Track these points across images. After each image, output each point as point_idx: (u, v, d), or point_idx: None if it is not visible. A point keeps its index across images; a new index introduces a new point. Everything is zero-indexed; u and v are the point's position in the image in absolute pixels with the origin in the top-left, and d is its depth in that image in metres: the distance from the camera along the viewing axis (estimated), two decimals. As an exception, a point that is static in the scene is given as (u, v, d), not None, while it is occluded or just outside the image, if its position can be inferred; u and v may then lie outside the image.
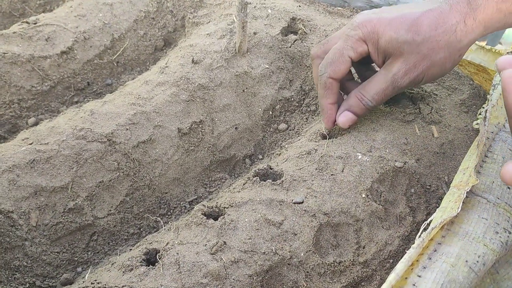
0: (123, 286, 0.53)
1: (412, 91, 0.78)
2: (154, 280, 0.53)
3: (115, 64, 0.94)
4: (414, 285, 0.47)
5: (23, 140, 0.71)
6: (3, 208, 0.62)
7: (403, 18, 0.60)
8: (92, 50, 0.91)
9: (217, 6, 0.96)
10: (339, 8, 0.97)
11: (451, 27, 0.59)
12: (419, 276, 0.48)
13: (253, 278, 0.55)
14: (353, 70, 0.74)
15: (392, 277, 0.45)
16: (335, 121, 0.68)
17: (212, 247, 0.56)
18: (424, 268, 0.49)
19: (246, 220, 0.60)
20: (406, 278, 0.48)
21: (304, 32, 0.87)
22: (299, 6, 0.94)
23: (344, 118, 0.67)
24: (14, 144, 0.70)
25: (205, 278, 0.54)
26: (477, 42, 0.81)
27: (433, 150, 0.70)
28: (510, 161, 0.40)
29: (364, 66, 0.71)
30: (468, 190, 0.56)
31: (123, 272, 0.55)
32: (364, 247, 0.61)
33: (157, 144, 0.74)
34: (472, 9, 0.59)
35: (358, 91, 0.66)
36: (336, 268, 0.59)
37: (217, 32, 0.86)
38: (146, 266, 0.56)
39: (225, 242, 0.57)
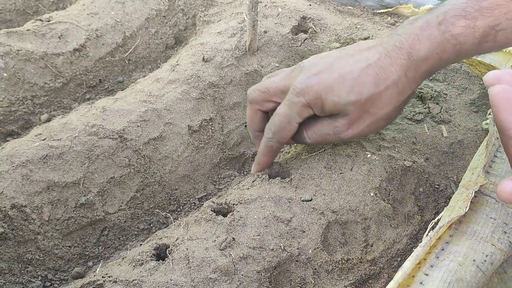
0: (133, 280, 0.53)
1: (422, 91, 0.78)
2: (164, 275, 0.54)
3: (127, 61, 0.95)
4: (421, 283, 0.48)
5: (36, 136, 0.72)
6: (16, 202, 0.64)
7: (343, 79, 0.58)
8: (104, 47, 0.92)
9: (228, 4, 0.96)
10: (349, 7, 0.97)
11: (393, 83, 0.57)
12: (427, 275, 0.48)
13: (261, 274, 0.56)
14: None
15: (399, 275, 0.46)
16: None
17: (221, 243, 0.57)
18: (432, 266, 0.49)
19: (255, 216, 0.60)
20: (413, 276, 0.49)
21: (314, 31, 0.88)
22: (310, 5, 0.94)
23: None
24: (28, 140, 0.71)
25: (214, 273, 0.54)
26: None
27: (442, 150, 0.71)
28: (506, 179, 0.38)
29: None
30: (476, 190, 0.56)
31: (134, 266, 0.56)
32: (372, 245, 0.62)
33: (168, 141, 0.75)
34: (413, 62, 0.56)
35: (302, 128, 0.65)
36: (344, 266, 0.59)
37: (227, 30, 0.87)
38: (156, 261, 0.57)
39: (234, 238, 0.57)
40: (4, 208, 0.62)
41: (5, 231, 0.62)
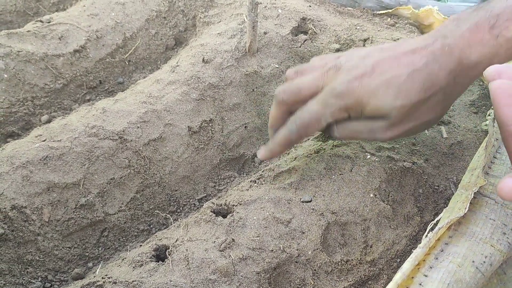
0: (133, 281, 0.53)
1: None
2: (163, 276, 0.54)
3: (127, 62, 0.95)
4: (420, 284, 0.48)
5: (36, 137, 0.72)
6: (16, 203, 0.64)
7: (388, 84, 0.54)
8: (105, 49, 0.93)
9: (228, 6, 0.97)
10: (349, 8, 0.97)
11: (440, 89, 0.54)
12: (426, 276, 0.48)
13: (260, 275, 0.56)
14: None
15: (398, 276, 0.46)
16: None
17: (221, 244, 0.57)
18: (431, 267, 0.49)
19: (255, 218, 0.60)
20: (412, 277, 0.49)
21: (314, 32, 0.88)
22: (310, 6, 0.94)
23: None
24: (28, 141, 0.71)
25: (214, 274, 0.54)
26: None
27: (442, 151, 0.71)
28: (506, 176, 0.37)
29: None
30: (476, 191, 0.56)
31: (133, 267, 0.56)
32: (371, 246, 0.62)
33: (168, 142, 0.75)
34: (464, 68, 0.54)
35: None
36: (343, 267, 0.59)
37: (227, 31, 0.87)
38: (156, 262, 0.57)
39: (233, 239, 0.58)
40: (4, 209, 0.63)
41: (5, 232, 0.62)
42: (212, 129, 0.79)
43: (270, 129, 0.66)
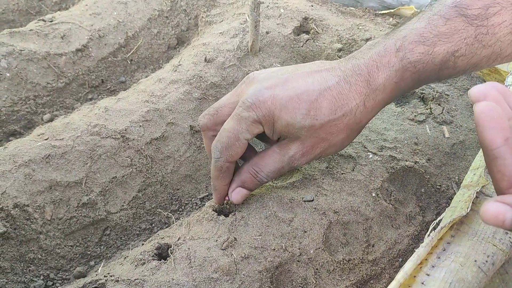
0: (135, 279, 0.54)
1: (424, 92, 0.78)
2: (165, 274, 0.54)
3: (129, 62, 0.95)
4: (422, 283, 0.48)
5: (38, 135, 0.72)
6: (19, 201, 0.64)
7: (299, 99, 0.53)
8: (107, 48, 0.93)
9: (230, 5, 0.97)
10: (351, 8, 0.97)
11: (351, 110, 0.54)
12: (428, 275, 0.48)
13: (262, 274, 0.56)
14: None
15: (400, 275, 0.46)
16: (226, 198, 0.62)
17: (223, 243, 0.57)
18: (433, 267, 0.49)
19: (257, 216, 0.60)
20: (414, 276, 0.49)
21: (316, 31, 0.88)
22: (312, 6, 0.94)
23: (238, 195, 0.60)
24: (30, 140, 0.71)
25: (216, 273, 0.54)
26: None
27: (444, 150, 0.71)
28: (490, 199, 0.36)
29: None
30: (478, 190, 0.56)
31: (136, 265, 0.56)
32: (373, 246, 0.62)
33: (170, 141, 0.75)
34: (372, 90, 0.53)
35: (251, 167, 0.59)
36: (345, 266, 0.59)
37: (229, 31, 0.87)
38: (158, 260, 0.57)
39: (235, 238, 0.58)
40: (6, 208, 0.63)
41: (8, 231, 0.62)
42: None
43: (210, 161, 0.62)
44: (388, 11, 0.97)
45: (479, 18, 0.52)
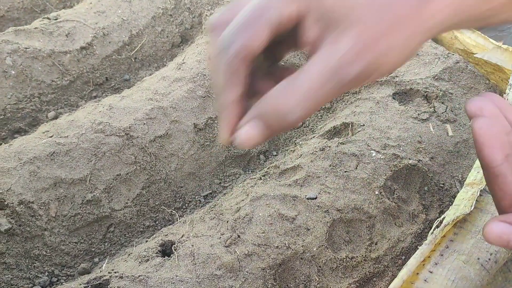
0: (139, 276, 0.54)
1: (427, 90, 0.78)
2: (169, 271, 0.55)
3: (133, 60, 0.95)
4: (425, 280, 0.48)
5: (43, 133, 0.72)
6: (24, 198, 0.64)
7: None
8: (111, 46, 0.93)
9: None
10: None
11: None
12: (431, 272, 0.49)
13: (266, 271, 0.56)
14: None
15: (404, 272, 0.46)
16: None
17: (226, 240, 0.57)
18: (436, 264, 0.49)
19: (260, 214, 0.60)
20: (417, 273, 0.49)
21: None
22: None
23: (247, 134, 0.36)
24: (35, 137, 0.71)
25: (219, 270, 0.55)
26: (493, 41, 0.80)
27: (447, 149, 0.71)
28: (493, 218, 0.35)
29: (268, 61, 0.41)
30: (482, 189, 0.56)
31: (140, 262, 0.57)
32: (376, 243, 0.62)
33: (174, 139, 0.75)
34: None
35: (278, 91, 0.36)
36: (348, 264, 0.60)
37: (233, 29, 0.87)
38: (162, 257, 0.57)
39: (239, 236, 0.58)
40: (11, 204, 0.63)
41: (13, 227, 0.63)
42: (218, 126, 0.79)
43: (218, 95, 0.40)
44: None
45: None
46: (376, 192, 0.64)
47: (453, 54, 0.83)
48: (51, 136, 0.71)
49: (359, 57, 0.35)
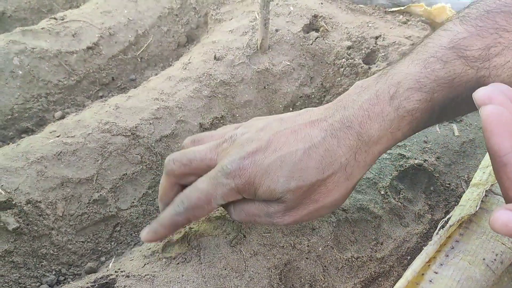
0: (145, 275, 0.54)
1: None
2: (175, 270, 0.55)
3: (139, 59, 0.96)
4: (430, 281, 0.48)
5: (50, 133, 0.73)
6: (31, 198, 0.65)
7: (281, 162, 0.48)
8: (117, 46, 0.93)
9: (240, 3, 0.97)
10: (361, 5, 0.97)
11: (340, 167, 0.47)
12: (436, 273, 0.49)
13: (271, 271, 0.56)
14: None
15: (409, 273, 0.46)
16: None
17: (232, 240, 0.58)
18: (441, 265, 0.49)
19: (266, 214, 0.61)
20: (422, 274, 0.49)
21: (326, 29, 0.88)
22: (321, 3, 0.94)
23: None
24: (42, 137, 0.72)
25: (225, 269, 0.55)
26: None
27: (453, 149, 0.71)
28: (499, 207, 0.34)
29: None
30: (488, 189, 0.56)
31: (146, 261, 0.57)
32: (382, 243, 0.62)
33: (180, 139, 0.76)
34: (364, 143, 0.47)
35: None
36: (353, 263, 0.60)
37: (239, 29, 0.88)
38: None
39: (244, 235, 0.58)
40: (19, 204, 0.64)
41: (21, 226, 0.63)
42: (224, 125, 0.80)
43: (160, 202, 0.58)
44: (398, 8, 0.97)
45: (480, 59, 0.46)
46: (382, 192, 0.64)
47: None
48: (58, 136, 0.72)
49: (285, 216, 0.50)
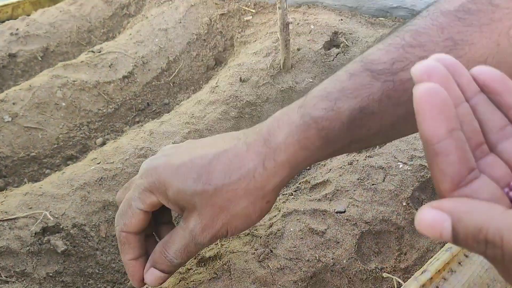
0: (180, 291, 0.59)
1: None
2: (207, 286, 0.59)
3: (171, 84, 1.02)
4: (460, 263, 0.50)
5: (92, 160, 0.79)
6: (77, 221, 0.71)
7: (191, 164, 0.48)
8: (150, 73, 1.00)
9: (263, 25, 1.01)
10: (381, 18, 0.99)
11: (248, 173, 0.47)
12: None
13: (298, 284, 0.59)
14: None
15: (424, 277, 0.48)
16: (143, 279, 0.54)
17: (260, 255, 0.61)
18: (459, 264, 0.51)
19: (291, 229, 0.64)
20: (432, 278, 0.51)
21: (346, 45, 0.91)
22: (341, 19, 0.97)
23: (151, 276, 0.53)
24: (84, 164, 0.78)
25: (254, 284, 0.59)
26: None
27: (475, 157, 0.71)
28: (426, 205, 0.28)
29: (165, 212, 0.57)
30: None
31: (181, 278, 0.61)
32: (405, 254, 0.64)
33: (210, 159, 0.80)
34: (271, 150, 0.46)
35: (161, 244, 0.52)
36: (378, 274, 0.62)
37: (262, 50, 0.92)
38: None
39: (271, 251, 0.61)
40: (66, 228, 0.70)
41: (68, 248, 0.69)
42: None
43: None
44: (419, 18, 0.98)
45: (384, 72, 0.45)
46: (404, 204, 0.66)
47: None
48: (98, 163, 0.78)
49: (204, 231, 0.49)
